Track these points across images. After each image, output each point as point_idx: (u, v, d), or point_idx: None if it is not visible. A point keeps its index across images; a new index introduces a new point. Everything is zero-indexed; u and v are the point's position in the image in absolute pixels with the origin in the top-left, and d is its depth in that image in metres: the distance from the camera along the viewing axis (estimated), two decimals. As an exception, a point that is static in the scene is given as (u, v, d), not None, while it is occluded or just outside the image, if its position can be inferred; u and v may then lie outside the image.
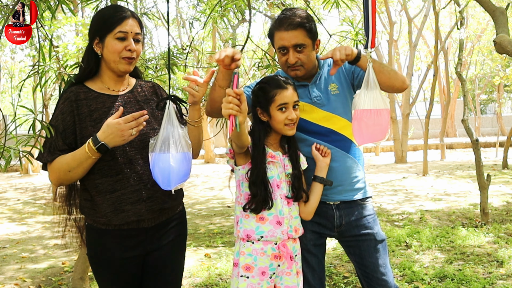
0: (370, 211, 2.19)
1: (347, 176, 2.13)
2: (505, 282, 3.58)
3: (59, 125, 1.85)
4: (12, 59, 17.19)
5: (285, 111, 1.95)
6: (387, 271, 2.15)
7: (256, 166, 1.94)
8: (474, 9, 16.69)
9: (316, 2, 8.10)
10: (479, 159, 5.45)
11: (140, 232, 1.91)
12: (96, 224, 1.90)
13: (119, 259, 1.89)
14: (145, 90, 2.04)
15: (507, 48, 2.17)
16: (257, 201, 1.92)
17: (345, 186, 2.13)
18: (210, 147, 16.54)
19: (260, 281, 1.95)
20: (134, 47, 1.86)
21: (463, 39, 6.02)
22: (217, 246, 5.14)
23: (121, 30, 1.84)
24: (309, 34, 2.03)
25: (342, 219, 2.15)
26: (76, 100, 1.87)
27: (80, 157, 1.80)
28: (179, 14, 15.02)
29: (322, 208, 2.13)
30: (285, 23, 2.01)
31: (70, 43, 5.27)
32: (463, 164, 12.56)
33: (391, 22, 14.43)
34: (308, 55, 2.05)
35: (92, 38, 1.89)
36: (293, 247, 2.01)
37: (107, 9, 1.95)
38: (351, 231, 2.16)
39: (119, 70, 1.90)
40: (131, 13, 1.90)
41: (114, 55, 1.86)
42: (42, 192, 10.39)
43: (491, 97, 28.53)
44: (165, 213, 1.96)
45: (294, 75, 2.09)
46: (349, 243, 2.20)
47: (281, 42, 2.03)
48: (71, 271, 4.36)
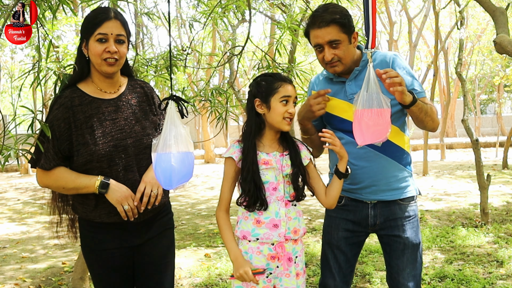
0: (409, 212, 2.15)
1: (382, 176, 2.09)
2: (505, 282, 3.58)
3: (54, 131, 1.87)
4: (12, 59, 17.20)
5: (287, 104, 1.94)
6: (411, 277, 2.12)
7: (246, 161, 1.94)
8: (474, 9, 16.69)
9: (316, 2, 8.09)
10: (479, 159, 5.45)
11: (130, 227, 1.98)
12: (89, 219, 1.97)
13: (109, 250, 1.96)
14: (136, 91, 2.06)
15: (507, 48, 2.17)
16: (248, 197, 1.93)
17: (379, 186, 2.09)
18: (210, 147, 16.55)
19: None
20: (113, 48, 1.87)
21: (463, 39, 6.02)
22: (217, 246, 5.14)
23: (101, 32, 1.86)
24: (343, 29, 2.01)
25: (376, 218, 2.13)
26: (71, 107, 1.89)
27: (80, 184, 1.88)
28: (179, 14, 15.02)
29: (358, 207, 2.13)
30: (318, 20, 2.01)
31: (70, 43, 5.27)
32: (463, 164, 12.56)
33: (391, 22, 14.44)
34: (344, 50, 2.03)
35: (81, 41, 1.93)
36: (293, 248, 1.99)
37: (92, 12, 1.96)
38: (385, 230, 2.15)
39: (103, 72, 1.92)
40: (115, 14, 1.91)
41: (96, 57, 1.88)
42: (42, 192, 10.38)
43: (491, 97, 28.55)
44: (153, 209, 2.02)
45: (333, 71, 2.09)
46: (383, 239, 2.19)
47: (316, 40, 2.03)
48: (71, 271, 4.36)
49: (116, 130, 1.93)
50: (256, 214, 1.95)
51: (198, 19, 3.55)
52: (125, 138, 1.94)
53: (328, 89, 2.03)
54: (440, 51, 12.39)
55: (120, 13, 1.96)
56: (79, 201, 1.97)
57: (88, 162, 1.89)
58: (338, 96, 2.11)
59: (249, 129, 1.98)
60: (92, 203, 1.92)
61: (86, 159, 1.88)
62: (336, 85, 2.13)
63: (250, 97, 2.01)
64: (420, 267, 2.17)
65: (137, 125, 1.98)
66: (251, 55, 10.92)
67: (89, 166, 1.89)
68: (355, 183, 2.12)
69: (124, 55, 1.95)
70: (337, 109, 2.10)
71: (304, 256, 2.08)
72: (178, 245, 5.25)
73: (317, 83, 2.24)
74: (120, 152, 1.91)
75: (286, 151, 2.00)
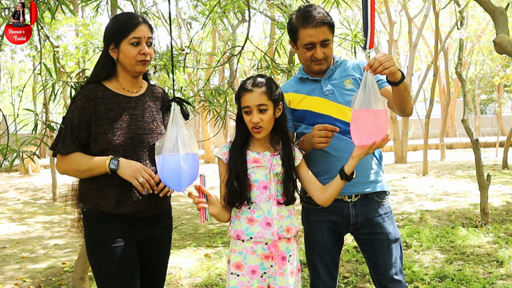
0: (387, 209, 2.23)
1: (362, 167, 2.12)
2: (505, 282, 3.58)
3: (75, 120, 1.97)
4: (12, 59, 17.19)
5: (250, 114, 1.95)
6: (399, 270, 2.18)
7: (233, 160, 1.98)
8: (474, 9, 16.68)
9: (316, 2, 8.09)
10: (479, 159, 5.45)
11: (135, 221, 2.04)
12: (97, 208, 2.01)
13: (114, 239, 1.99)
14: (156, 94, 2.18)
15: (506, 48, 2.17)
16: (231, 194, 1.96)
17: (359, 178, 2.10)
18: (210, 147, 16.55)
19: (250, 280, 1.96)
20: (147, 50, 2.00)
21: (463, 39, 6.02)
22: (217, 246, 5.14)
23: (135, 36, 1.98)
24: (331, 29, 2.14)
25: (358, 217, 2.17)
26: (94, 98, 1.99)
27: (92, 165, 1.95)
28: (179, 14, 15.01)
29: (338, 207, 2.16)
30: (313, 20, 2.08)
31: (71, 43, 5.28)
32: (463, 164, 12.56)
33: (391, 22, 14.43)
34: (331, 49, 2.16)
35: (108, 44, 2.03)
36: (286, 247, 2.00)
37: (121, 17, 2.07)
38: (366, 228, 2.19)
39: (135, 72, 2.04)
40: (142, 19, 2.04)
41: (130, 59, 2.00)
42: (42, 192, 10.39)
43: (491, 97, 28.56)
44: (159, 205, 2.10)
45: (318, 69, 2.17)
46: (363, 240, 2.23)
47: (309, 38, 2.10)
48: (71, 271, 4.36)
49: (134, 125, 2.02)
50: (249, 213, 1.97)
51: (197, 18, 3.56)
52: (142, 133, 2.03)
53: (336, 128, 2.00)
54: (440, 51, 12.39)
55: (145, 18, 2.10)
56: (91, 187, 2.01)
57: (104, 151, 1.96)
58: (313, 94, 2.19)
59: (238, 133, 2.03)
60: (105, 189, 1.98)
61: (103, 148, 1.96)
62: (311, 84, 2.21)
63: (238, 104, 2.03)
64: (402, 262, 2.24)
65: (154, 124, 2.08)
66: (251, 55, 10.92)
67: (105, 155, 1.96)
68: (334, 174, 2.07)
69: (152, 56, 2.08)
70: (314, 105, 2.17)
71: (298, 255, 2.09)
72: (178, 245, 5.25)
73: (291, 85, 2.28)
74: (136, 145, 2.00)
75: (278, 152, 2.02)
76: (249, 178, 1.97)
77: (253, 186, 1.97)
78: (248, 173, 1.97)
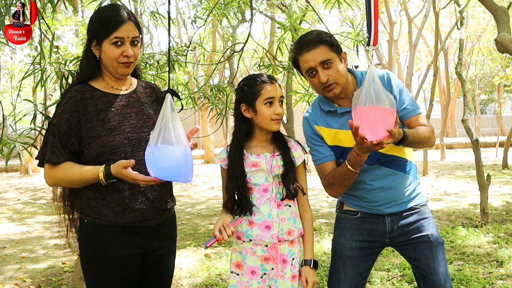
0: (426, 214, 2.12)
1: (399, 192, 2.07)
2: (505, 282, 3.58)
3: (62, 125, 1.82)
4: (11, 59, 17.18)
5: (272, 105, 1.93)
6: (445, 275, 2.07)
7: (231, 166, 1.95)
8: (474, 9, 16.69)
9: (316, 2, 8.10)
10: (479, 159, 5.45)
11: (142, 230, 1.91)
12: (99, 221, 1.86)
13: (118, 257, 1.87)
14: (147, 91, 2.04)
15: (508, 47, 2.17)
16: (232, 204, 1.94)
17: (398, 201, 2.07)
18: (210, 147, 16.54)
19: (249, 280, 1.96)
20: (130, 52, 1.84)
21: (463, 39, 6.01)
22: (217, 246, 5.13)
23: (117, 36, 1.81)
24: (332, 48, 1.95)
25: (394, 224, 2.08)
26: (82, 100, 1.84)
27: (89, 179, 1.82)
28: (179, 14, 15.01)
29: (373, 217, 2.07)
30: (307, 44, 1.95)
31: (71, 43, 5.27)
32: (463, 164, 12.56)
33: (391, 22, 14.43)
34: (336, 69, 1.95)
35: (90, 40, 1.87)
36: (289, 250, 1.96)
37: (105, 11, 1.90)
38: (404, 236, 2.09)
39: (118, 74, 1.90)
40: (128, 15, 1.86)
41: (112, 60, 1.84)
42: (42, 192, 10.39)
43: (491, 97, 28.56)
44: (165, 213, 1.99)
45: (332, 94, 1.98)
46: (403, 246, 2.12)
47: (307, 64, 1.95)
48: (71, 271, 4.36)
49: (129, 124, 1.89)
50: (249, 215, 1.95)
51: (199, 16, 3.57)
52: (138, 132, 1.89)
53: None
54: (440, 51, 12.38)
55: (132, 13, 1.92)
56: (90, 196, 1.87)
57: (100, 155, 1.82)
58: (346, 127, 1.95)
59: (236, 136, 1.99)
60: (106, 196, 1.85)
61: (98, 152, 1.82)
62: (340, 118, 2.03)
63: (236, 103, 2.00)
64: (447, 268, 2.12)
65: (148, 120, 1.94)
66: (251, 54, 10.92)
67: (102, 159, 1.82)
68: (373, 201, 2.07)
69: (138, 56, 1.92)
70: (348, 140, 1.96)
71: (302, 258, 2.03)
72: (178, 245, 5.24)
73: (318, 116, 2.09)
74: (133, 145, 1.87)
75: (278, 152, 1.98)
76: (249, 181, 1.95)
77: (254, 189, 1.95)
78: (247, 177, 1.95)
